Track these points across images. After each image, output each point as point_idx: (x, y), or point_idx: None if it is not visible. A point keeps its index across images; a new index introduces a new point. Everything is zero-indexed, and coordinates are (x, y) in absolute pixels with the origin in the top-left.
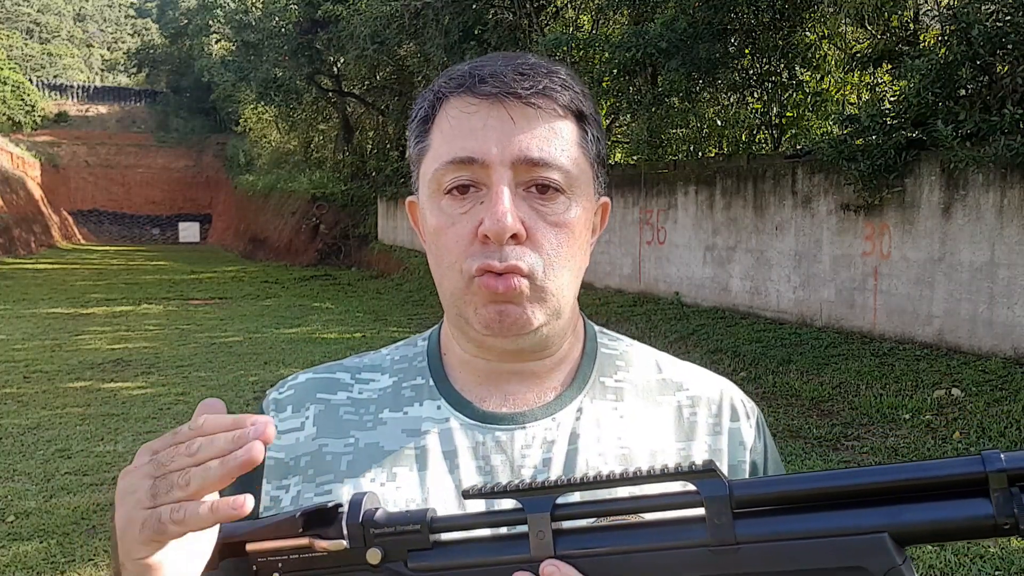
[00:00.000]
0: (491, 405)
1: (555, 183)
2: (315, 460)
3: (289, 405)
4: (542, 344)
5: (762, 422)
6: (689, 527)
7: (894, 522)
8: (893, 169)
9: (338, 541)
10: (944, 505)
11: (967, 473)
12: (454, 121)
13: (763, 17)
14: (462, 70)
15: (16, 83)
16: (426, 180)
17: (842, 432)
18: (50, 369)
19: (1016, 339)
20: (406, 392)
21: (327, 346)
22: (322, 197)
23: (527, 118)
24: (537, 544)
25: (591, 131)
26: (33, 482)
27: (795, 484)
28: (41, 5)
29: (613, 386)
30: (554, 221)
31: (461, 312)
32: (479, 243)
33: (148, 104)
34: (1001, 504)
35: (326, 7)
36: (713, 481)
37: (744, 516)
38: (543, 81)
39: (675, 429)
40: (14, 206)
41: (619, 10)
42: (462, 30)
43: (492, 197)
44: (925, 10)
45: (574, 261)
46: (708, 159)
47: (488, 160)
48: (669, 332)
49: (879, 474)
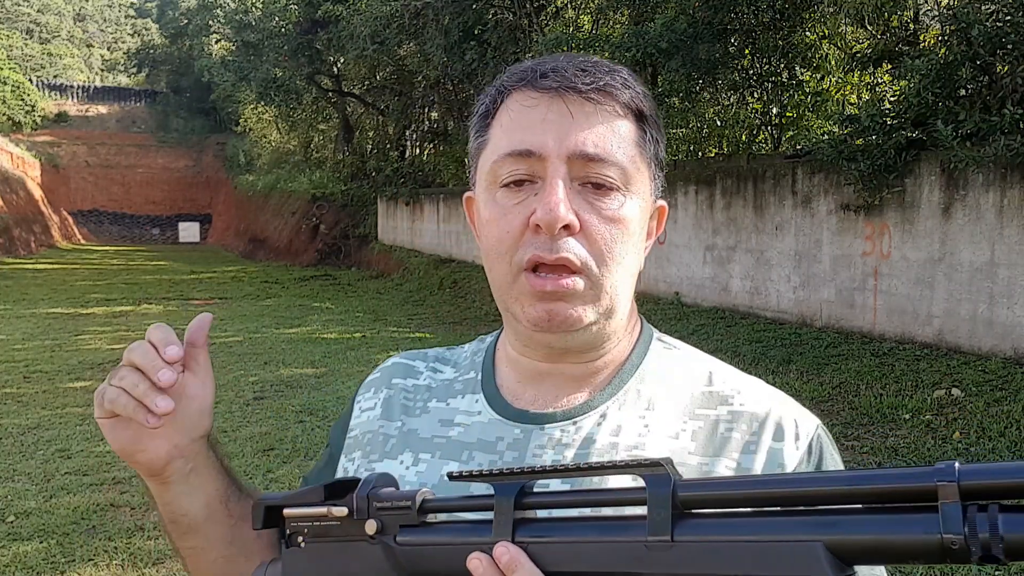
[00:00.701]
0: (522, 403)
1: (610, 180)
2: (373, 439)
3: (372, 388)
4: (591, 343)
5: (818, 447)
6: (634, 523)
7: (831, 532)
8: (893, 169)
9: (341, 508)
10: (887, 519)
11: (916, 485)
12: (514, 115)
13: (763, 17)
14: (525, 66)
15: (16, 83)
16: (483, 173)
17: (842, 432)
18: (50, 369)
19: (1016, 339)
20: (458, 385)
21: (327, 346)
22: (322, 197)
23: (586, 114)
24: (499, 528)
25: (650, 131)
26: (33, 482)
27: (740, 487)
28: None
29: (649, 395)
30: (609, 216)
31: (509, 307)
32: (531, 233)
33: (148, 104)
34: (950, 521)
35: (326, 7)
36: (659, 476)
37: (685, 516)
38: (604, 78)
39: (703, 444)
40: (14, 206)
41: (619, 10)
42: (462, 30)
43: (546, 188)
44: (925, 10)
45: (629, 259)
46: (708, 159)
47: (545, 152)
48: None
49: (824, 482)
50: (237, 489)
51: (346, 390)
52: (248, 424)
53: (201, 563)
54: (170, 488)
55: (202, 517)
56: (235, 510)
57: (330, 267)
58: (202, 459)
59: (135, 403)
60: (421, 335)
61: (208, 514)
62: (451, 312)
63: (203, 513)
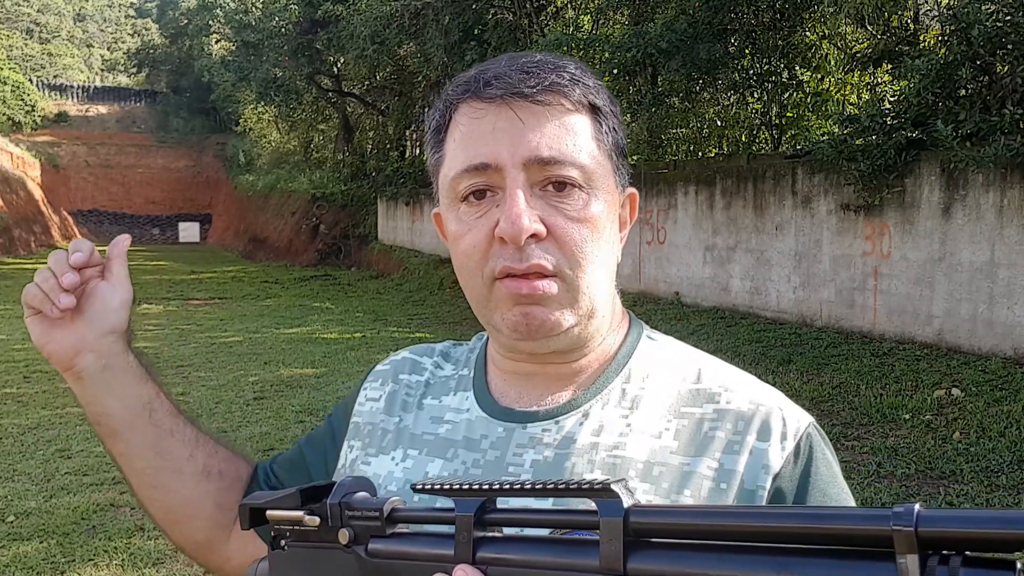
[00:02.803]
0: (508, 401)
1: (571, 179)
2: (372, 432)
3: (380, 378)
4: (575, 344)
5: (807, 448)
6: (587, 548)
7: (782, 573)
8: (893, 169)
9: (314, 517)
10: (843, 564)
11: (873, 528)
12: (464, 128)
13: (763, 17)
14: (468, 75)
15: (16, 83)
16: (444, 189)
17: (842, 432)
18: (50, 369)
19: (1016, 339)
20: (452, 382)
21: (327, 346)
22: (322, 197)
23: (535, 116)
24: (459, 546)
25: (606, 123)
26: (33, 482)
27: (694, 518)
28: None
29: (634, 393)
30: (575, 216)
31: (488, 319)
32: (498, 245)
33: (148, 104)
34: (908, 574)
35: (326, 7)
36: (611, 502)
37: (639, 546)
38: (549, 77)
39: (686, 443)
40: (14, 206)
41: (619, 10)
42: (462, 30)
43: (507, 199)
44: (925, 10)
45: (603, 257)
46: (708, 159)
47: (500, 163)
48: (669, 332)
49: (782, 518)
50: (166, 402)
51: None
52: (248, 424)
53: (129, 470)
54: (84, 384)
55: (122, 420)
56: (161, 421)
57: (330, 267)
58: (117, 359)
59: (42, 295)
60: (421, 335)
61: (129, 419)
62: (451, 312)
63: (123, 416)
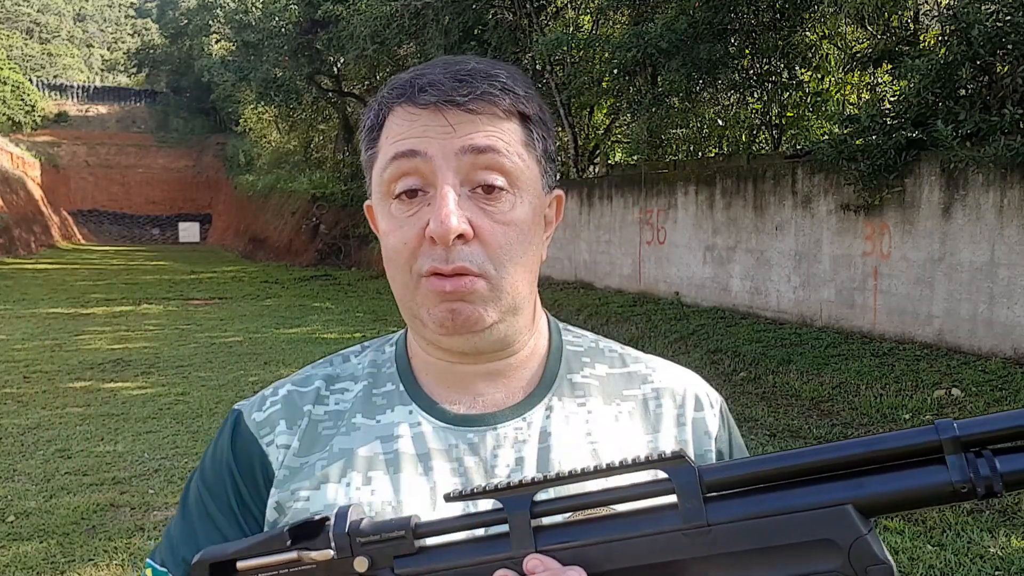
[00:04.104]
0: (462, 408)
1: (500, 182)
2: (302, 471)
3: (282, 419)
4: (501, 343)
5: (726, 412)
6: (663, 514)
7: (856, 494)
8: (893, 169)
9: (325, 551)
10: (904, 475)
11: (923, 442)
12: (397, 128)
13: (763, 17)
14: (403, 79)
15: (16, 83)
16: (376, 184)
17: (842, 432)
18: (50, 369)
19: (1016, 339)
20: (377, 399)
21: (327, 346)
22: (322, 197)
23: (466, 123)
24: (518, 541)
25: (536, 130)
26: (33, 482)
27: (760, 465)
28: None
29: (580, 383)
30: (501, 219)
31: (415, 313)
32: (427, 244)
33: (148, 104)
34: (957, 469)
35: (326, 7)
36: (683, 467)
37: (714, 499)
38: (481, 86)
39: (642, 422)
40: (14, 206)
41: (619, 10)
42: (462, 30)
43: (437, 199)
44: (925, 10)
45: (526, 257)
46: (708, 159)
47: (431, 153)
48: (669, 332)
49: (839, 450)
50: None
51: None
52: None
53: None
54: None
55: None
56: None
57: (330, 267)
58: None
59: None
60: None
61: None
62: None
63: None
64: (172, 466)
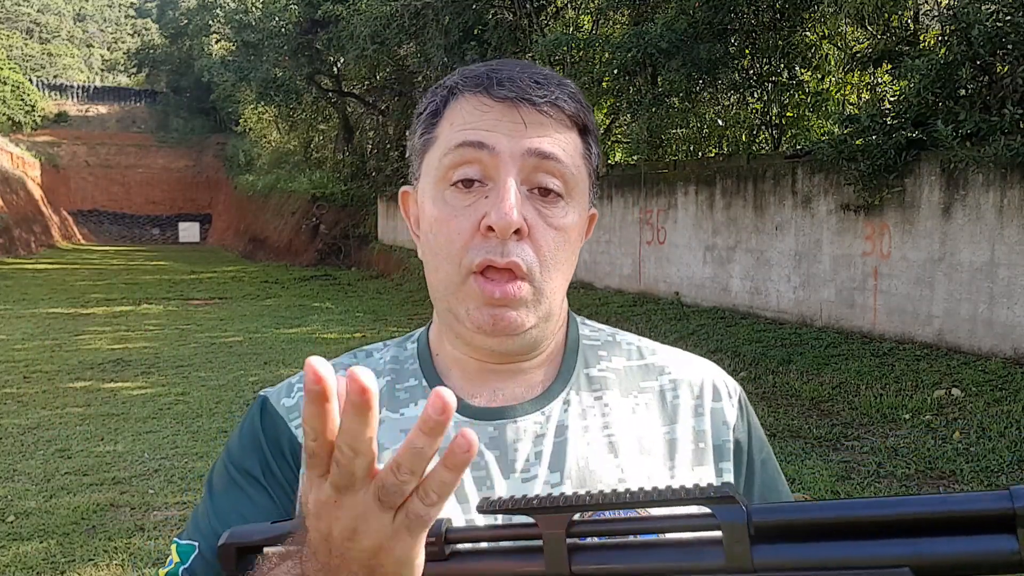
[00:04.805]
0: (481, 401)
1: (557, 187)
2: None
3: None
4: (531, 346)
5: (745, 401)
6: (705, 549)
7: (916, 555)
8: (893, 169)
9: None
10: (969, 540)
11: (995, 509)
12: (467, 115)
13: (763, 17)
14: (480, 71)
15: (16, 83)
16: (430, 169)
17: (842, 432)
18: (50, 369)
19: (1016, 339)
20: (400, 394)
21: (327, 346)
22: (322, 197)
23: (537, 124)
24: (552, 560)
25: (594, 146)
26: (33, 482)
27: (815, 512)
28: (41, 5)
29: (597, 376)
30: (554, 224)
31: (452, 308)
32: (481, 237)
33: (148, 104)
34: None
35: (326, 7)
36: (731, 507)
37: (762, 541)
38: (556, 92)
39: (659, 413)
40: (14, 206)
41: (619, 10)
42: (462, 30)
43: (499, 190)
44: (925, 10)
45: (567, 265)
46: (708, 159)
47: (499, 148)
48: (669, 332)
49: (902, 505)
50: None
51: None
52: None
53: None
54: None
55: None
56: None
57: (330, 267)
58: None
59: None
60: None
61: None
62: None
63: None
64: (172, 466)
